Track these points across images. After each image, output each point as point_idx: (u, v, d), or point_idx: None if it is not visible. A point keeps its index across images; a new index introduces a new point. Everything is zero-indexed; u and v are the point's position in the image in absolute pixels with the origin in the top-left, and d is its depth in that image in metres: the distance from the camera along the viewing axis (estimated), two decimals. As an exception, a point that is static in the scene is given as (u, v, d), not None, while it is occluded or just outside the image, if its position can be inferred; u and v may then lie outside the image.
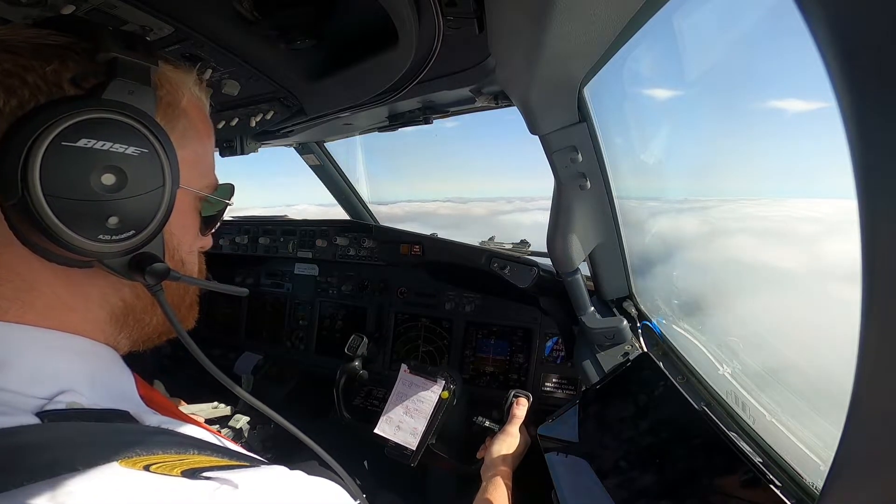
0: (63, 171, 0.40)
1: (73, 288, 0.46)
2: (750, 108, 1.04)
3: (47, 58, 0.43)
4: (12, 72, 0.41)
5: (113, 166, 0.43)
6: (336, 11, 0.88)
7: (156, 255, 0.48)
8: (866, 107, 0.24)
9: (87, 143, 0.41)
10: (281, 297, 2.30)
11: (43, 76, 0.42)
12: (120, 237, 0.44)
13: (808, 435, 0.89)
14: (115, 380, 0.49)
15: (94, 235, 0.42)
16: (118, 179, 0.43)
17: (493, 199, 5.12)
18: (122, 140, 0.43)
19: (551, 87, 0.91)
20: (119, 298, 0.50)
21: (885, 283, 0.27)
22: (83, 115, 0.41)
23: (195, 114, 0.54)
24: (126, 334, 0.52)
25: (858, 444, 0.33)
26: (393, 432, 1.49)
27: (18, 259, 0.43)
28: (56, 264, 0.44)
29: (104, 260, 0.45)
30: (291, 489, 0.42)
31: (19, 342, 0.42)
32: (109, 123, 0.43)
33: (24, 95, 0.41)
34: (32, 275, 0.44)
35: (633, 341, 1.34)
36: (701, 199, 1.36)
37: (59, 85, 0.42)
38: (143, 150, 0.45)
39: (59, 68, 0.43)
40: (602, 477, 1.02)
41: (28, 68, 0.41)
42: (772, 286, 1.14)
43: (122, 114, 0.43)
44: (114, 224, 0.43)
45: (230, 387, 0.56)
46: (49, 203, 0.40)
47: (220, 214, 0.60)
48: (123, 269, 0.46)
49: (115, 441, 0.36)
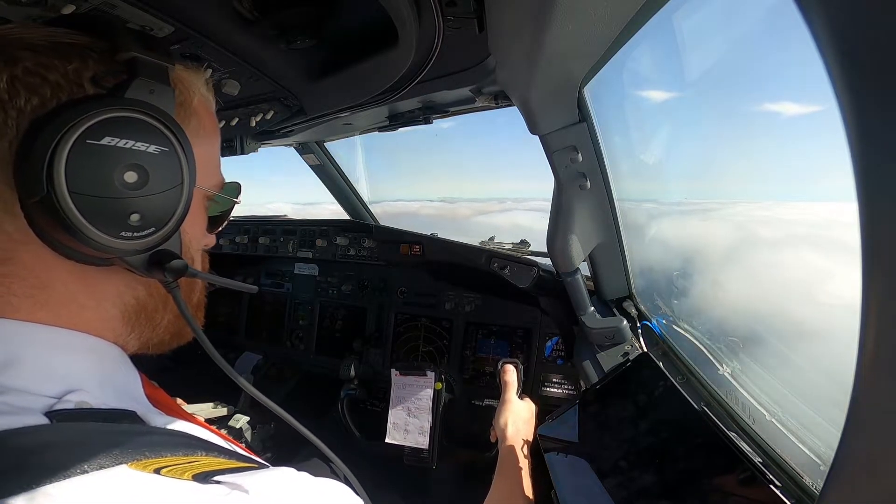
0: (87, 169, 0.41)
1: (88, 286, 0.46)
2: (750, 107, 1.04)
3: (68, 56, 0.43)
4: (33, 70, 0.41)
5: (135, 164, 0.43)
6: (336, 11, 0.88)
7: (175, 252, 0.48)
8: (866, 107, 0.24)
9: (110, 142, 0.42)
10: (281, 297, 2.30)
11: (64, 74, 0.42)
12: (141, 234, 0.44)
13: (808, 435, 0.89)
14: (123, 379, 0.50)
15: (117, 232, 0.43)
16: (140, 177, 0.43)
17: (484, 200, 5.10)
18: (144, 138, 0.44)
19: (551, 87, 0.91)
20: (133, 296, 0.50)
21: (885, 283, 0.27)
22: (108, 114, 0.42)
23: (204, 113, 0.54)
24: (136, 334, 0.52)
25: (858, 444, 0.33)
26: (403, 437, 1.50)
27: (35, 257, 0.43)
28: (74, 262, 0.44)
29: (125, 257, 0.45)
30: (300, 491, 0.42)
31: (29, 340, 0.42)
32: (133, 122, 0.43)
33: (45, 94, 0.41)
34: (48, 273, 0.44)
35: (633, 341, 1.34)
36: (701, 200, 1.36)
37: (79, 83, 0.43)
38: (163, 148, 0.45)
39: (79, 67, 0.43)
40: (602, 477, 1.02)
41: (49, 67, 0.42)
42: (772, 286, 1.14)
43: (144, 113, 0.44)
44: (135, 221, 0.44)
45: (251, 391, 0.58)
46: (74, 200, 0.40)
47: (228, 213, 0.61)
48: (143, 265, 0.47)
49: (123, 443, 0.36)
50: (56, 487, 0.31)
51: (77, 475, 0.32)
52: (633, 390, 1.11)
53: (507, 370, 1.34)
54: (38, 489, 0.31)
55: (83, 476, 0.32)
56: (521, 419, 1.23)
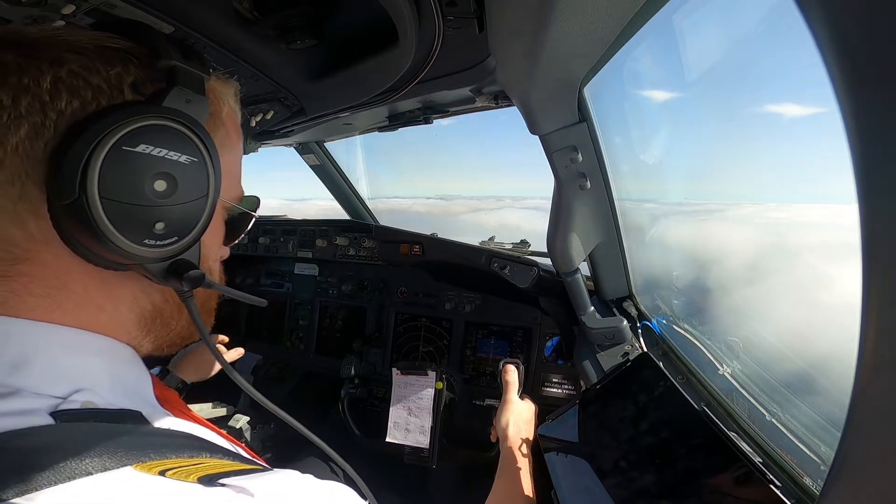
0: (120, 175, 0.41)
1: (105, 289, 0.46)
2: (750, 107, 1.04)
3: (111, 61, 0.43)
4: (78, 73, 0.41)
5: (166, 173, 0.43)
6: (336, 11, 0.88)
7: (193, 263, 0.48)
8: (866, 107, 0.24)
9: (145, 149, 0.42)
10: (281, 297, 2.30)
11: (107, 79, 0.42)
12: (163, 243, 0.44)
13: (808, 435, 0.89)
14: (134, 379, 0.50)
15: (141, 240, 0.43)
16: (169, 186, 0.43)
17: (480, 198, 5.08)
18: (177, 148, 0.44)
19: (551, 87, 0.91)
20: (149, 302, 0.50)
21: (884, 283, 0.27)
22: (145, 121, 0.42)
23: (231, 125, 0.54)
24: (151, 338, 0.52)
25: (858, 444, 0.33)
26: (403, 436, 1.50)
27: (55, 258, 0.43)
28: (92, 265, 0.44)
29: (145, 264, 0.45)
30: (305, 494, 0.42)
31: (40, 340, 0.42)
32: (168, 131, 0.43)
33: (86, 97, 0.41)
34: (67, 275, 0.44)
35: (633, 341, 1.34)
36: (701, 201, 1.36)
37: (120, 89, 0.43)
38: (193, 158, 0.45)
39: (121, 72, 0.43)
40: (602, 477, 1.02)
41: (93, 70, 0.42)
42: (772, 286, 1.14)
43: (180, 122, 0.44)
44: (160, 230, 0.44)
45: (264, 403, 0.58)
46: (104, 206, 0.40)
47: (245, 225, 0.60)
48: (161, 274, 0.46)
49: (127, 444, 0.36)
50: (59, 490, 0.31)
51: (80, 477, 0.32)
52: (633, 390, 1.11)
53: (509, 370, 1.34)
54: (40, 492, 0.30)
55: (87, 478, 0.32)
56: (523, 419, 1.23)
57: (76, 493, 0.31)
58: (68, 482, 0.31)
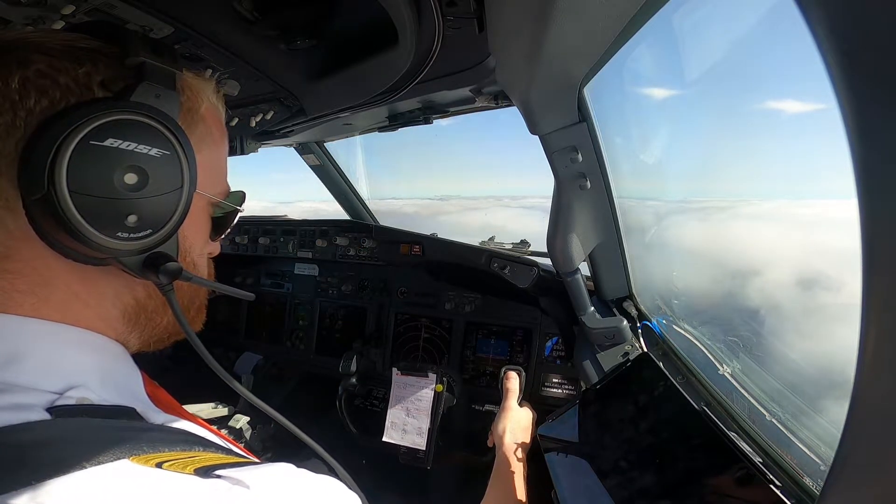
0: (88, 169, 0.41)
1: (87, 285, 0.47)
2: (750, 107, 1.04)
3: (80, 60, 0.44)
4: (46, 73, 0.42)
5: (136, 166, 0.44)
6: (336, 11, 0.88)
7: (170, 255, 0.48)
8: (866, 107, 0.24)
9: (113, 143, 0.42)
10: (281, 297, 2.30)
11: (75, 78, 0.43)
12: (137, 235, 0.45)
13: (808, 435, 0.89)
14: (125, 376, 0.50)
15: (113, 233, 0.43)
16: (140, 179, 0.44)
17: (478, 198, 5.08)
18: (146, 141, 0.44)
19: (551, 87, 0.91)
20: (132, 297, 0.51)
21: (884, 282, 0.27)
22: (111, 116, 0.42)
23: (212, 121, 0.55)
24: (137, 333, 0.52)
25: (858, 444, 0.33)
26: (400, 436, 1.50)
27: (35, 254, 0.44)
28: (72, 261, 0.45)
29: (120, 257, 0.46)
30: (300, 486, 0.43)
31: (33, 336, 0.43)
32: (136, 125, 0.44)
33: (55, 96, 0.42)
34: (48, 270, 0.44)
35: (633, 341, 1.34)
36: (702, 199, 1.36)
37: (89, 87, 0.43)
38: (165, 151, 0.45)
39: (90, 70, 0.44)
40: (602, 477, 1.02)
41: (61, 70, 0.42)
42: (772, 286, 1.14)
43: (147, 116, 0.44)
44: (132, 222, 0.44)
45: (242, 392, 0.57)
46: (73, 199, 0.40)
47: (231, 220, 0.61)
48: (137, 267, 0.47)
49: (123, 438, 0.37)
50: (57, 483, 0.31)
51: (77, 470, 0.33)
52: (634, 390, 1.11)
53: (510, 377, 1.34)
54: (38, 485, 0.31)
55: (82, 471, 0.33)
56: (520, 427, 1.23)
57: (76, 485, 0.32)
58: (64, 475, 0.32)
